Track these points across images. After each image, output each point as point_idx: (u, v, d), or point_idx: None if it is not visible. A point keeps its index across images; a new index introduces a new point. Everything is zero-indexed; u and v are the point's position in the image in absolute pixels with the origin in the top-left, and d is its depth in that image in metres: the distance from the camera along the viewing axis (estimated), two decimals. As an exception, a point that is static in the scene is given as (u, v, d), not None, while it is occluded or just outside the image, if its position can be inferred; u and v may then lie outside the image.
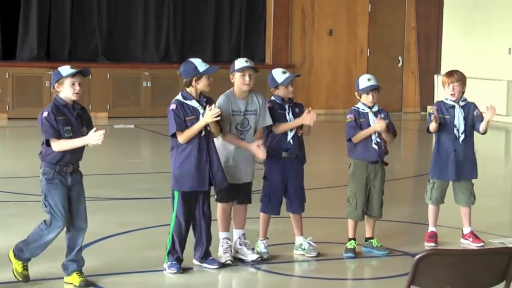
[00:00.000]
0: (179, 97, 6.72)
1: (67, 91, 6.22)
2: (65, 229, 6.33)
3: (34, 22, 16.91)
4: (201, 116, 6.62)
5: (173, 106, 6.66)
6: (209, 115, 6.53)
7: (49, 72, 16.27)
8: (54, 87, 6.27)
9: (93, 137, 6.09)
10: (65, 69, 6.25)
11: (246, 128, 6.97)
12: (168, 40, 18.15)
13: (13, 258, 6.33)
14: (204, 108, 6.64)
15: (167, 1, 18.06)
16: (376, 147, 7.31)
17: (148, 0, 17.98)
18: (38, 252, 6.34)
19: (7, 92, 16.39)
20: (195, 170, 6.62)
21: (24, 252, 6.31)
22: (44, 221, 6.27)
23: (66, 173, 6.23)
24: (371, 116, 7.34)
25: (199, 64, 6.68)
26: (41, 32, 17.03)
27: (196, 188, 6.66)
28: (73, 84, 6.20)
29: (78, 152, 6.28)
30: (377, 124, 7.25)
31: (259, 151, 6.82)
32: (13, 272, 6.32)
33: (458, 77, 7.65)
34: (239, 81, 6.92)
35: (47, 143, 6.15)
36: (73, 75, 6.21)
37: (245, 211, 7.12)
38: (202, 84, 6.67)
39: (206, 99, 6.73)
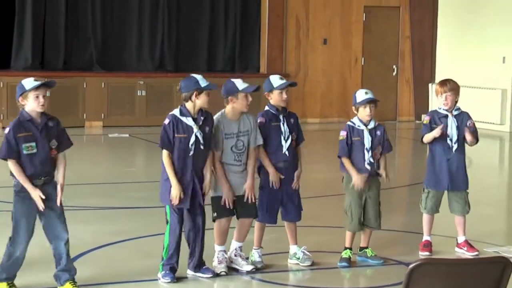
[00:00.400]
0: (176, 111, 6.71)
1: (31, 105, 6.14)
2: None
3: (28, 32, 16.89)
4: (193, 136, 6.61)
5: (166, 121, 6.67)
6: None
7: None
8: (18, 101, 6.20)
9: (37, 197, 6.05)
10: (29, 82, 6.17)
11: (241, 150, 6.94)
12: (163, 49, 18.14)
13: None
14: (199, 127, 6.64)
15: (161, 10, 18.06)
16: (369, 167, 7.28)
17: (143, 9, 17.99)
18: (15, 271, 6.29)
19: (1, 101, 16.37)
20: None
21: (2, 274, 6.28)
22: (10, 237, 6.24)
23: (36, 186, 6.14)
24: (366, 134, 7.28)
25: (201, 79, 6.70)
26: (36, 42, 17.02)
27: (177, 206, 6.65)
28: (37, 97, 6.11)
29: (46, 165, 6.18)
30: (357, 180, 7.20)
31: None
32: None
33: (451, 87, 7.64)
34: (243, 103, 6.87)
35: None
36: (36, 88, 6.12)
37: (249, 226, 7.05)
38: (201, 100, 6.66)
39: (204, 117, 6.71)
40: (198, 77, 6.72)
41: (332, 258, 7.37)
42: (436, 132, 7.53)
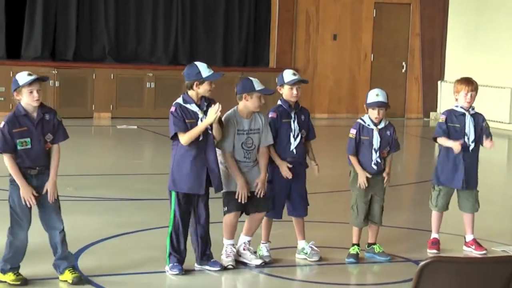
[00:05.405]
0: (179, 100, 6.72)
1: (26, 99, 6.17)
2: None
3: (39, 22, 16.90)
4: (199, 121, 6.61)
5: (172, 109, 6.67)
6: (212, 113, 6.49)
7: (54, 72, 16.29)
8: (13, 95, 6.22)
9: (28, 194, 6.05)
10: (22, 77, 6.18)
11: (250, 147, 6.94)
12: (176, 43, 18.04)
13: (1, 277, 6.29)
14: (204, 112, 6.63)
15: (175, 5, 17.98)
16: (375, 167, 7.28)
17: (157, 4, 17.89)
18: (18, 260, 6.30)
19: (10, 91, 16.36)
20: (192, 174, 6.63)
21: (6, 265, 6.29)
22: (8, 228, 6.26)
23: (30, 175, 6.17)
24: (375, 134, 7.25)
25: (203, 69, 6.66)
26: (46, 32, 17.02)
27: (191, 191, 6.66)
28: (31, 92, 6.14)
29: (40, 158, 6.18)
30: (362, 179, 7.18)
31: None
32: (10, 284, 6.26)
33: (475, 85, 7.60)
34: (256, 103, 6.85)
35: None
36: (30, 84, 6.14)
37: (260, 221, 7.04)
38: (203, 89, 6.66)
39: (208, 102, 6.71)
40: (202, 66, 6.67)
41: (340, 253, 7.37)
42: (455, 146, 7.45)
